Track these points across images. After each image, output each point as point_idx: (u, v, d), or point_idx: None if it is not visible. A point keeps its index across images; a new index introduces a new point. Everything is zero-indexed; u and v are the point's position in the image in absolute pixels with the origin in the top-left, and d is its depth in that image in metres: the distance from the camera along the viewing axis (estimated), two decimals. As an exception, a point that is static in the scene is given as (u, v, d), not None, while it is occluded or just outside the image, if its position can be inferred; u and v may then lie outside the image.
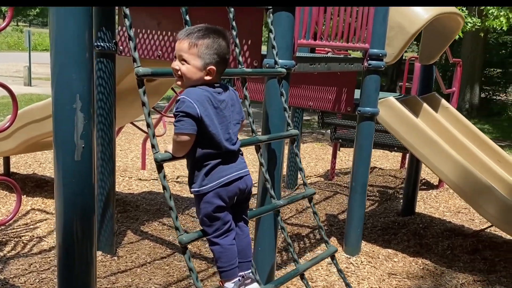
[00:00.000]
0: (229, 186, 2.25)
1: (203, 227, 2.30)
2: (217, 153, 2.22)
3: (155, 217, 5.36)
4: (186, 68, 2.17)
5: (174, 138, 2.16)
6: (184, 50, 2.16)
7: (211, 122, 2.16)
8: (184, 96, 2.14)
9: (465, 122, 5.44)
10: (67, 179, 2.18)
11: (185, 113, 2.11)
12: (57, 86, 2.11)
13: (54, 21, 2.08)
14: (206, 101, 2.16)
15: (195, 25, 2.24)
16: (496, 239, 5.29)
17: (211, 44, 2.17)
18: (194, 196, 2.31)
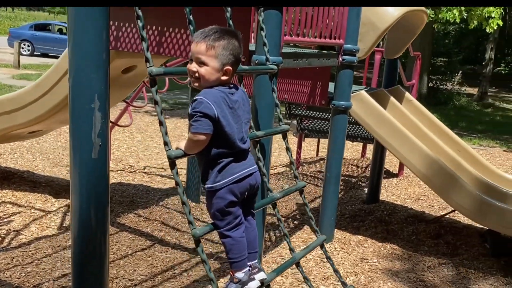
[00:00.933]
0: (241, 182, 2.36)
1: (214, 220, 2.40)
2: (230, 152, 2.33)
3: (130, 209, 5.40)
4: (204, 70, 2.25)
5: (191, 137, 2.24)
6: (201, 52, 2.24)
7: (227, 123, 2.26)
8: (202, 96, 2.22)
9: (428, 114, 5.74)
10: (84, 177, 2.24)
11: (202, 113, 2.20)
12: (76, 86, 2.16)
13: (73, 22, 2.12)
14: (222, 102, 2.26)
15: (208, 27, 2.32)
16: (456, 224, 5.63)
17: (227, 45, 2.26)
18: (206, 191, 2.40)
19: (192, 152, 2.34)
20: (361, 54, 4.78)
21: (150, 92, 2.28)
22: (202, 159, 2.37)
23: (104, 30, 2.16)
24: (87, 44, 2.12)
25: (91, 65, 2.14)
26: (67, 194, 5.69)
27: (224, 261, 4.40)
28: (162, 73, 2.31)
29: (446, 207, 6.28)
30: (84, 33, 2.11)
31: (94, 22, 2.12)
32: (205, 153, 2.32)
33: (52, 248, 4.32)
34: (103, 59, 2.17)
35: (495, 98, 21.22)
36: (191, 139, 2.26)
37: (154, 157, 8.24)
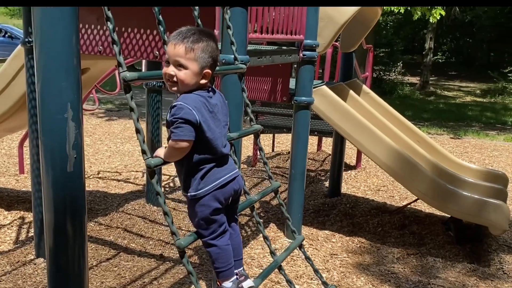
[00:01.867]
0: (225, 187, 2.26)
1: (199, 230, 2.29)
2: (212, 158, 2.22)
3: (89, 217, 5.16)
4: (184, 73, 2.13)
5: (173, 145, 2.12)
6: (180, 55, 2.11)
7: (208, 128, 2.16)
8: (181, 102, 2.11)
9: (385, 105, 5.80)
10: (58, 192, 2.07)
11: (184, 119, 2.08)
12: (46, 95, 1.99)
13: (39, 25, 1.95)
14: (203, 106, 2.15)
15: (184, 27, 2.20)
16: (418, 214, 5.72)
17: (206, 47, 2.15)
18: (188, 200, 2.29)
19: (173, 159, 2.22)
20: (321, 49, 4.76)
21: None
22: (183, 166, 2.25)
23: (74, 33, 2.00)
24: (56, 49, 1.96)
25: (61, 72, 1.98)
26: (19, 206, 5.41)
27: (195, 266, 4.28)
28: (137, 78, 2.17)
29: (407, 197, 6.39)
30: (52, 37, 1.95)
31: (62, 25, 1.95)
32: (186, 160, 2.21)
33: (10, 264, 4.06)
34: (73, 64, 2.01)
35: (436, 86, 21.89)
36: (172, 147, 2.14)
37: (106, 160, 7.97)
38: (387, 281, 4.21)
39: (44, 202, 2.14)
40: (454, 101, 18.10)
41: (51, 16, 1.94)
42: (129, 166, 7.58)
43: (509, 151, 9.48)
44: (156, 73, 2.28)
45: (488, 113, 15.15)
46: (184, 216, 5.48)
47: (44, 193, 2.12)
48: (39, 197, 4.05)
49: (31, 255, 4.22)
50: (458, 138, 10.81)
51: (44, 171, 2.08)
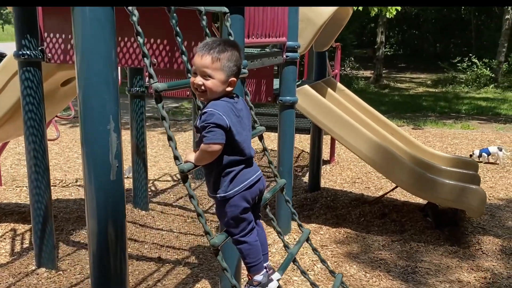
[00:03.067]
0: (252, 188, 2.41)
1: (229, 228, 2.43)
2: (241, 159, 2.37)
3: (80, 226, 5.20)
4: (211, 82, 2.26)
5: (205, 148, 2.25)
6: (207, 65, 2.24)
7: (237, 131, 2.30)
8: (212, 108, 2.24)
9: (359, 101, 6.06)
10: (103, 200, 2.18)
11: (215, 124, 2.22)
12: (89, 108, 2.09)
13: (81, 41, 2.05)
14: (231, 112, 2.29)
15: (209, 39, 2.34)
16: (395, 203, 6.02)
17: (231, 57, 2.29)
18: (217, 201, 2.43)
19: (204, 163, 2.35)
20: (301, 50, 4.95)
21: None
22: (213, 169, 2.38)
23: (113, 48, 2.12)
24: (98, 64, 2.07)
25: (103, 85, 2.09)
26: (7, 218, 5.37)
27: (194, 266, 4.41)
28: (167, 88, 2.29)
29: (382, 187, 6.69)
30: (94, 52, 2.06)
31: (103, 40, 2.06)
32: (216, 163, 2.34)
33: (12, 276, 4.08)
34: (113, 78, 2.12)
35: (389, 79, 22.57)
36: (205, 150, 2.27)
37: (79, 168, 7.93)
38: (377, 267, 4.46)
39: (87, 210, 2.24)
40: (408, 93, 18.73)
41: (92, 32, 2.05)
42: (104, 172, 7.58)
43: (468, 138, 9.98)
44: (184, 82, 2.41)
45: (441, 102, 15.78)
46: (173, 218, 5.59)
47: (87, 201, 2.22)
48: (38, 208, 4.08)
49: (32, 265, 4.24)
50: (419, 129, 11.26)
51: (87, 180, 2.18)
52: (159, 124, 11.87)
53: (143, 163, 5.67)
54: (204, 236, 5.08)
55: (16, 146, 9.01)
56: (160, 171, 7.65)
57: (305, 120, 7.59)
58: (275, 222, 3.08)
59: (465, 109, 14.36)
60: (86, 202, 2.22)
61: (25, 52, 3.85)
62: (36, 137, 3.99)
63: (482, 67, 19.46)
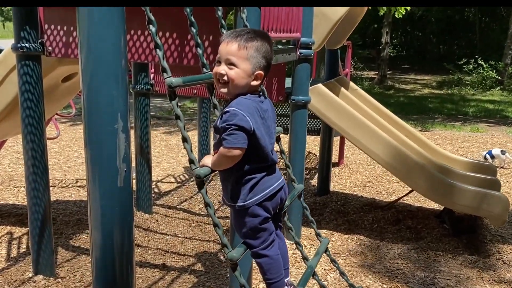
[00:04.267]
0: (274, 197, 2.18)
1: (247, 240, 2.19)
2: (263, 166, 2.13)
3: (80, 229, 4.96)
4: (235, 72, 2.03)
5: (224, 152, 2.01)
6: (232, 52, 2.02)
7: (261, 135, 2.06)
8: (235, 108, 2.00)
9: (373, 101, 5.81)
10: (109, 208, 1.94)
11: (237, 126, 1.98)
12: (95, 105, 1.85)
13: (87, 30, 1.81)
14: (255, 112, 2.05)
15: (238, 29, 2.10)
16: (409, 208, 5.77)
17: (260, 47, 2.06)
18: (234, 210, 2.19)
19: (222, 168, 2.11)
20: (315, 47, 4.70)
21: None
22: (231, 175, 2.14)
23: (123, 38, 1.87)
24: (106, 55, 1.83)
25: (111, 80, 1.85)
26: (4, 220, 5.13)
27: (201, 274, 4.17)
28: (182, 84, 2.05)
29: (394, 191, 6.45)
30: (101, 43, 1.81)
31: (112, 29, 1.82)
32: (236, 168, 2.10)
33: (8, 284, 3.83)
34: (122, 71, 1.88)
35: (393, 80, 22.31)
36: (224, 155, 2.03)
37: (79, 168, 7.69)
38: (395, 277, 4.21)
39: (90, 220, 2.00)
40: (413, 94, 18.48)
41: (100, 21, 1.80)
42: (106, 172, 7.33)
43: (479, 141, 9.73)
44: (200, 77, 2.18)
45: (448, 104, 15.53)
46: (178, 222, 5.35)
47: (91, 210, 1.98)
48: (36, 211, 3.84)
49: (29, 272, 3.99)
50: (427, 131, 11.01)
51: (91, 186, 1.94)
52: (161, 124, 11.62)
53: (147, 164, 5.43)
54: (210, 241, 4.84)
55: (14, 144, 8.76)
56: (163, 172, 7.40)
57: (312, 121, 7.35)
58: (293, 232, 2.84)
59: (472, 112, 14.12)
60: (90, 211, 1.97)
61: (24, 44, 3.61)
62: (34, 136, 3.75)
63: (488, 69, 19.21)
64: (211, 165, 2.10)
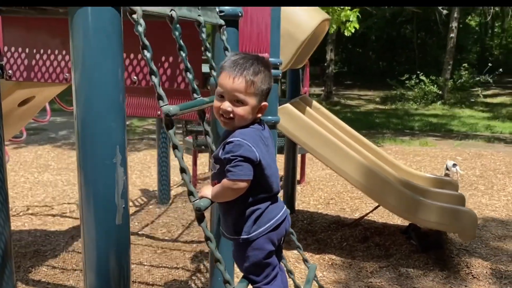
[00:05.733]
0: (278, 228, 2.07)
1: (249, 275, 2.07)
2: (268, 196, 2.03)
3: (39, 261, 4.66)
4: (243, 110, 1.91)
5: (230, 185, 1.89)
6: (240, 90, 1.89)
7: (267, 164, 1.96)
8: (239, 138, 1.89)
9: (336, 119, 5.82)
10: (105, 250, 1.77)
11: (243, 157, 1.86)
12: (92, 138, 1.69)
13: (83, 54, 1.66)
14: (260, 141, 1.95)
15: (236, 55, 1.99)
16: (374, 225, 5.79)
17: (265, 78, 1.95)
18: (237, 243, 2.06)
19: (225, 200, 1.99)
20: (283, 67, 4.66)
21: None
22: (233, 207, 2.01)
23: (120, 65, 1.74)
24: (104, 84, 1.68)
25: (110, 110, 1.69)
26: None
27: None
28: (179, 112, 1.93)
29: (357, 208, 6.46)
30: (99, 69, 1.66)
31: (111, 54, 1.68)
32: (239, 200, 1.98)
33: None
34: (120, 101, 1.74)
35: (339, 96, 22.72)
36: (229, 187, 1.90)
37: (28, 194, 7.30)
38: (371, 297, 4.18)
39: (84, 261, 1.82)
40: (359, 110, 18.85)
41: (97, 44, 1.66)
42: (57, 198, 6.99)
43: (430, 155, 9.97)
44: (198, 102, 2.06)
45: (394, 119, 15.91)
46: (142, 249, 5.12)
47: (85, 250, 1.80)
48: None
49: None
50: (379, 146, 11.20)
51: (86, 225, 1.77)
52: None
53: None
54: (178, 269, 4.66)
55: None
56: (120, 196, 7.12)
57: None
58: (285, 260, 2.73)
59: (418, 126, 14.51)
60: (85, 251, 1.80)
61: (-14, 65, 3.37)
62: (-6, 165, 3.48)
63: (429, 84, 19.88)
64: (212, 197, 1.98)
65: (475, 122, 15.08)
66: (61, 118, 14.16)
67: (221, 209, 2.09)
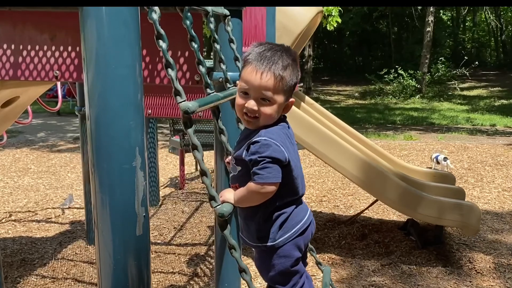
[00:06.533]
0: (305, 232, 1.91)
1: (275, 285, 1.91)
2: (295, 199, 1.86)
3: (27, 270, 4.42)
4: (270, 109, 1.73)
5: (257, 189, 1.71)
6: (268, 87, 1.70)
7: (294, 165, 1.79)
8: (266, 137, 1.71)
9: (330, 115, 5.69)
10: (122, 263, 1.59)
11: (272, 158, 1.69)
12: (108, 139, 1.51)
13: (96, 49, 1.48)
14: (286, 140, 1.78)
15: (262, 45, 1.80)
16: (372, 221, 5.68)
17: (293, 72, 1.76)
18: (260, 251, 1.90)
19: (250, 204, 1.81)
20: (278, 61, 4.50)
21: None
22: (257, 212, 1.83)
23: (138, 59, 1.55)
24: (122, 79, 1.50)
25: (128, 108, 1.51)
26: None
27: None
28: (198, 108, 1.75)
29: (351, 205, 6.35)
30: (116, 63, 1.48)
31: (129, 48, 1.50)
32: (265, 205, 1.81)
33: None
34: (139, 98, 1.56)
35: (318, 92, 22.70)
36: (256, 191, 1.73)
37: (9, 199, 7.02)
38: (375, 296, 4.06)
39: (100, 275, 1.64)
40: (340, 105, 18.85)
41: (113, 33, 1.47)
42: (40, 203, 6.72)
43: (416, 149, 9.94)
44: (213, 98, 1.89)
45: (375, 114, 15.92)
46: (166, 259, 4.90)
47: (101, 264, 1.62)
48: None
49: (-23, 328, 3.46)
50: (364, 141, 11.13)
51: (102, 237, 1.58)
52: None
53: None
54: (174, 273, 4.47)
55: None
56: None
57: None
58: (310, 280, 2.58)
59: (399, 120, 14.53)
60: (100, 266, 1.61)
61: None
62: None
63: (408, 78, 19.97)
64: (235, 201, 1.80)
65: (455, 115, 15.17)
66: (38, 120, 13.78)
67: (242, 214, 1.92)
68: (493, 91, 21.45)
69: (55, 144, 11.03)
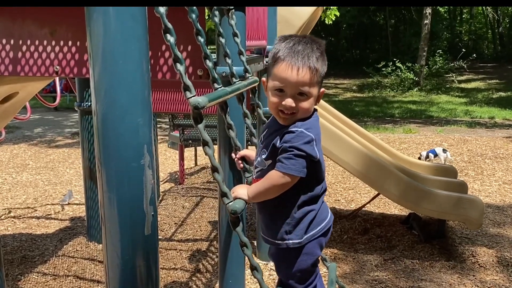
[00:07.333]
0: (328, 232, 1.89)
1: (289, 281, 1.88)
2: (320, 195, 1.84)
3: (28, 268, 4.38)
4: (308, 103, 1.71)
5: (277, 177, 1.68)
6: (305, 82, 1.68)
7: (323, 160, 1.77)
8: (303, 129, 1.69)
9: (329, 108, 5.66)
10: (132, 263, 1.55)
11: (300, 150, 1.67)
12: (116, 136, 1.47)
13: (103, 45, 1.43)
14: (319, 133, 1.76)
15: (290, 40, 1.77)
16: (373, 215, 5.65)
17: (323, 62, 1.75)
18: (283, 249, 1.85)
19: (265, 198, 1.78)
20: (279, 55, 4.46)
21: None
22: (284, 208, 1.80)
23: (145, 56, 1.51)
24: (130, 76, 1.46)
25: (136, 105, 1.47)
26: None
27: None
28: (208, 103, 1.72)
29: (352, 199, 6.33)
30: (124, 60, 1.44)
31: (137, 43, 1.46)
32: (292, 200, 1.78)
33: None
34: (146, 95, 1.52)
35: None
36: (276, 180, 1.69)
37: (8, 195, 6.97)
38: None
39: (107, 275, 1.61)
40: (338, 99, 18.80)
41: (120, 28, 1.43)
42: (39, 199, 6.68)
43: (416, 142, 9.91)
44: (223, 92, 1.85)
45: (373, 107, 15.88)
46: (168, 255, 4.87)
47: (109, 265, 1.58)
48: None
49: (-22, 327, 3.42)
50: (363, 134, 11.11)
51: (110, 237, 1.55)
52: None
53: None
54: (177, 269, 4.44)
55: None
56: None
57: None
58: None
59: (398, 113, 14.50)
60: (108, 267, 1.58)
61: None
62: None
63: (405, 71, 19.93)
64: (251, 196, 1.77)
65: (453, 108, 15.14)
66: (35, 115, 13.71)
67: (266, 212, 1.87)
68: (491, 84, 21.43)
69: (53, 140, 10.96)
